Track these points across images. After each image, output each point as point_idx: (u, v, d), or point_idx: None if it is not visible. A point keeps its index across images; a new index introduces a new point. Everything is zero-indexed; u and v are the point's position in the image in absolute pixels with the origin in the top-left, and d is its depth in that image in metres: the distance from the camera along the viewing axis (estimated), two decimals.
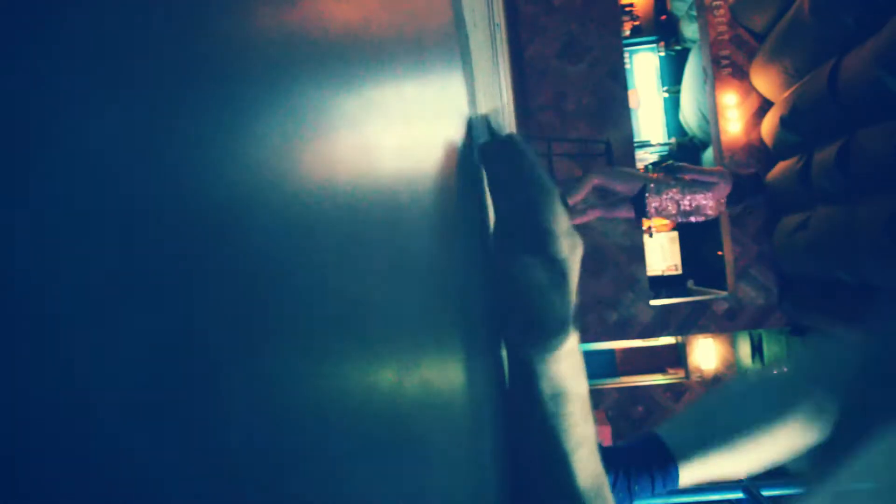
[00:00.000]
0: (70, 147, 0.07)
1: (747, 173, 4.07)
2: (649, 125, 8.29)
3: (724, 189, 3.82)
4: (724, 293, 5.25)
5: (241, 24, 0.13)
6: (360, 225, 0.19)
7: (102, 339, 0.08)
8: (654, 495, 0.57)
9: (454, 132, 0.43)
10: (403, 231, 0.25)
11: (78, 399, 0.07)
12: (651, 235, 7.94)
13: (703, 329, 5.19)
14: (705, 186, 3.76)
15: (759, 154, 5.04)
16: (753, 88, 4.98)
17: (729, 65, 5.04)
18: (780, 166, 4.75)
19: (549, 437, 0.46)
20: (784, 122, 4.49)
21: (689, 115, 7.13)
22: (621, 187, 3.85)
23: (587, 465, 0.47)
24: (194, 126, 0.10)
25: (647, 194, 3.74)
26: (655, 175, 3.92)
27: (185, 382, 0.09)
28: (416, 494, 0.22)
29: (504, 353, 0.49)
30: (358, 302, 0.18)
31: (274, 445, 0.12)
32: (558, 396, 0.46)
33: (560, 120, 4.99)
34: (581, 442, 0.47)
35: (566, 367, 0.47)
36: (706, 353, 7.05)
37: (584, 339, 5.14)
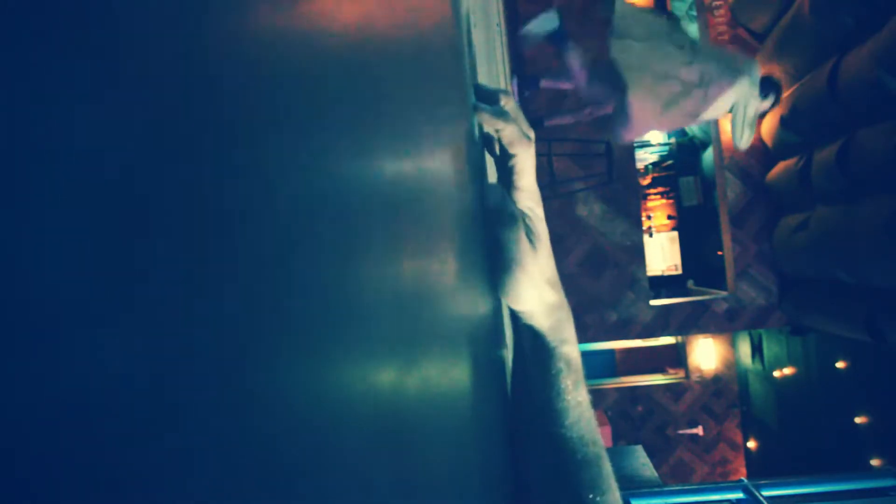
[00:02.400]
0: (70, 147, 0.07)
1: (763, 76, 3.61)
2: None
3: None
4: (724, 293, 5.26)
5: (241, 24, 0.13)
6: (361, 223, 0.19)
7: (103, 340, 0.08)
8: None
9: (453, 124, 0.43)
10: (405, 228, 0.25)
11: (79, 400, 0.07)
12: (651, 235, 7.94)
13: (703, 329, 5.19)
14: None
15: (759, 154, 5.04)
16: None
17: None
18: (780, 166, 4.75)
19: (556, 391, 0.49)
20: (784, 122, 4.49)
21: None
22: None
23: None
24: (193, 126, 0.10)
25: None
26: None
27: (185, 382, 0.09)
28: (418, 489, 0.22)
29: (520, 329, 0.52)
30: (358, 300, 0.18)
31: (274, 445, 0.12)
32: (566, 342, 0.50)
33: None
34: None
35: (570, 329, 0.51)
36: (706, 353, 7.05)
37: (584, 338, 5.14)
